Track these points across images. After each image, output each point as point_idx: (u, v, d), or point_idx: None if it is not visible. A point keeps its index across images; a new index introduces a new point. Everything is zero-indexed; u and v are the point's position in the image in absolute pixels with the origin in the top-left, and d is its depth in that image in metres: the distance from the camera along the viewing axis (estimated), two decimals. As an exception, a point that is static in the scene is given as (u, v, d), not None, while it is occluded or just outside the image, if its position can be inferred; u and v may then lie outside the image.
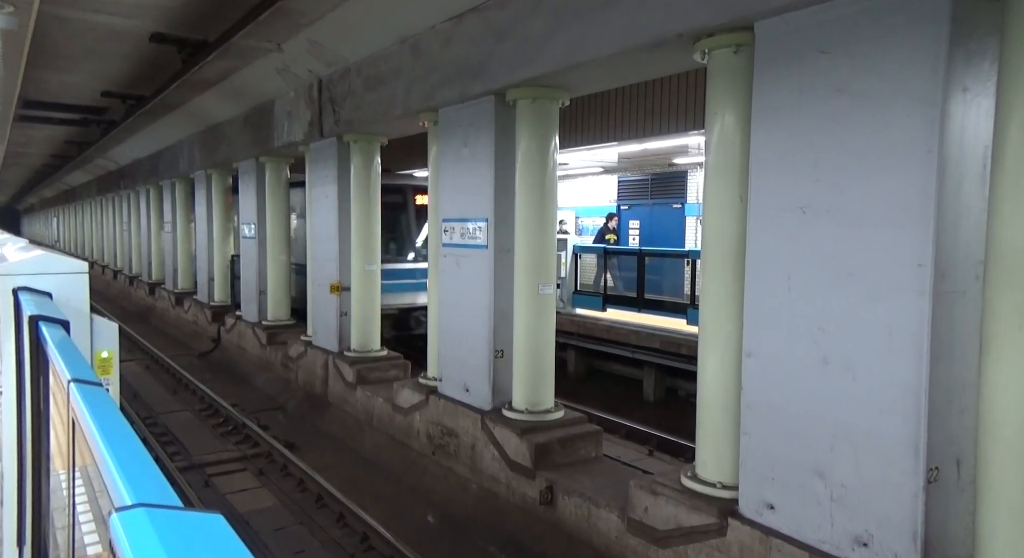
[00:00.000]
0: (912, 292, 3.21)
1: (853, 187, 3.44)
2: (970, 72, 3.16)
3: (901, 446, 3.26)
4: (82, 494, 1.74)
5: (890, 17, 3.26)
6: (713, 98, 4.25)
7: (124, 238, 21.88)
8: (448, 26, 6.07)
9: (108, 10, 7.06)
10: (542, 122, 5.73)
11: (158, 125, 13.47)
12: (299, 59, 8.16)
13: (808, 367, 3.64)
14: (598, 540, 4.88)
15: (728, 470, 4.21)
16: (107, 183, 23.07)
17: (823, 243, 3.57)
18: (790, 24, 3.65)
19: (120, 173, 20.91)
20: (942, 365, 3.22)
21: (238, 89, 10.00)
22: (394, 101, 6.99)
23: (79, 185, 28.62)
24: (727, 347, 4.21)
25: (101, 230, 26.46)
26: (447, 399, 6.55)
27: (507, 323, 6.04)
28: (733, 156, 4.15)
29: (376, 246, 8.68)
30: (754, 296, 3.94)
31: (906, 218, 3.23)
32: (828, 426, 3.56)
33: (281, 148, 10.04)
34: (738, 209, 4.11)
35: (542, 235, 5.83)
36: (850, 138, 3.45)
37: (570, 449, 5.68)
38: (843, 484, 3.50)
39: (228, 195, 13.66)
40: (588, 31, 4.72)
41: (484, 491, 5.99)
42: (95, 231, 27.79)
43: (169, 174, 15.95)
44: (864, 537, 3.41)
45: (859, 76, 3.39)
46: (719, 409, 4.27)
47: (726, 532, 3.99)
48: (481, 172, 6.08)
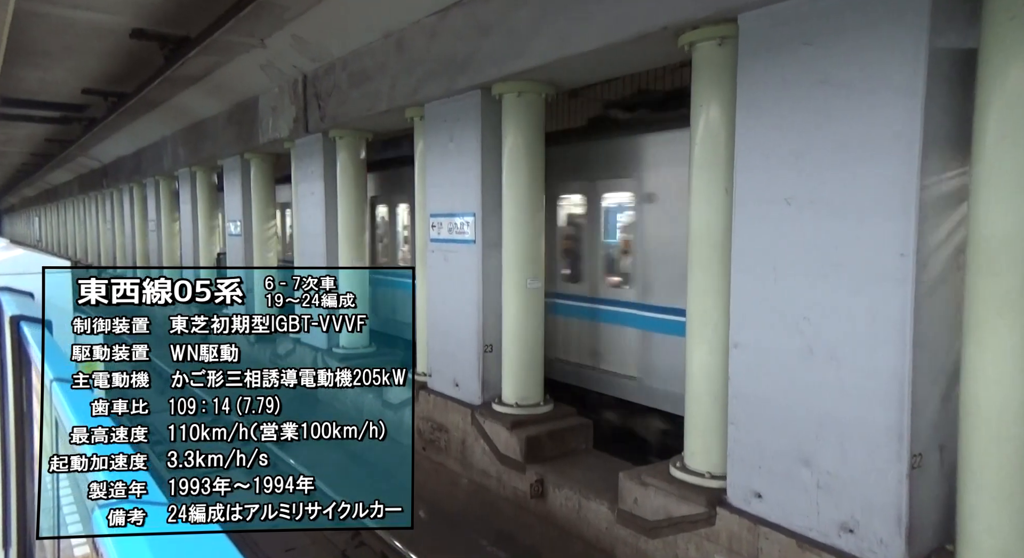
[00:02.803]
0: (895, 281, 3.25)
1: (836, 178, 3.47)
2: (950, 63, 3.19)
3: (885, 433, 3.31)
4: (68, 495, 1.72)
5: (872, 9, 3.29)
6: (698, 91, 4.26)
7: (108, 237, 21.65)
8: (433, 20, 6.04)
9: (87, 6, 6.96)
10: (528, 116, 5.72)
11: (141, 122, 13.31)
12: (283, 55, 8.09)
13: (793, 357, 3.68)
14: (588, 532, 4.91)
15: (716, 460, 4.25)
16: (89, 181, 22.80)
17: (807, 234, 3.60)
18: (774, 16, 3.66)
19: (103, 171, 20.66)
20: (925, 353, 3.27)
21: (221, 85, 9.90)
22: (380, 96, 6.95)
23: (61, 184, 28.25)
24: (714, 338, 4.24)
25: (84, 229, 26.16)
26: (437, 394, 6.55)
27: (496, 318, 6.04)
28: (718, 149, 4.17)
29: (364, 243, 8.65)
30: (740, 287, 3.96)
31: (888, 208, 3.27)
32: (813, 415, 3.60)
33: (266, 144, 9.96)
34: (723, 201, 4.13)
35: (530, 229, 5.83)
36: (833, 130, 3.47)
37: (560, 442, 5.71)
38: (829, 472, 3.54)
39: (213, 192, 13.54)
40: (574, 24, 4.72)
41: (475, 485, 6.01)
42: (78, 230, 27.47)
43: (153, 172, 15.78)
44: (850, 523, 3.45)
45: (842, 67, 3.42)
46: (707, 400, 4.31)
47: (715, 521, 4.03)
48: (468, 167, 6.06)
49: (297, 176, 9.44)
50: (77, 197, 26.22)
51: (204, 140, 12.23)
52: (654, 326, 5.67)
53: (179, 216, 14.99)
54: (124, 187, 19.02)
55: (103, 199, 22.05)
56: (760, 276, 3.83)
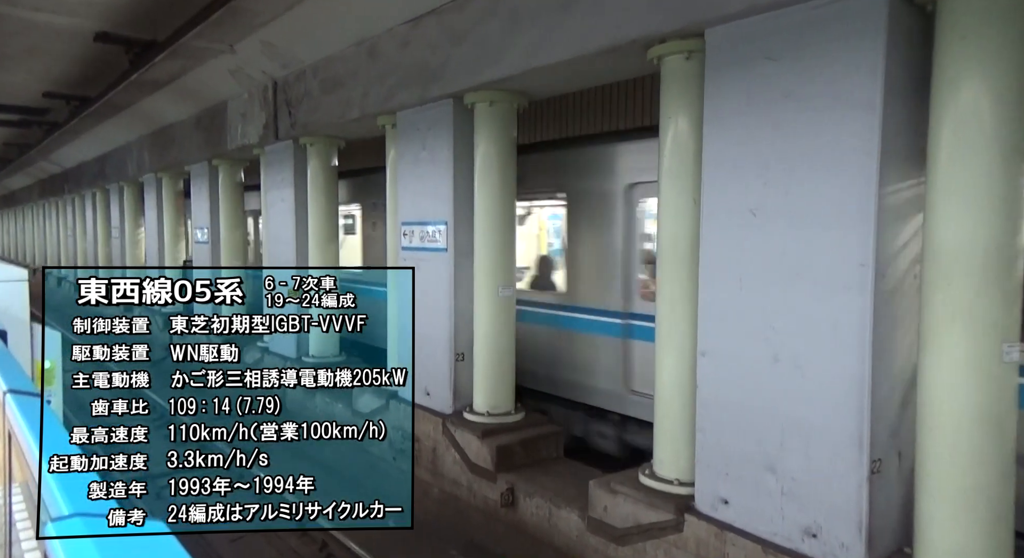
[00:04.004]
0: (855, 290, 3.35)
1: (800, 190, 3.57)
2: (906, 80, 3.31)
3: (846, 439, 3.39)
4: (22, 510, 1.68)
5: (833, 26, 3.40)
6: (666, 103, 4.34)
7: (69, 244, 21.07)
8: (405, 29, 6.05)
9: (50, 8, 6.81)
10: (500, 125, 5.76)
11: (105, 127, 13.02)
12: (253, 60, 8.01)
13: (759, 364, 3.75)
14: (559, 540, 4.91)
15: (685, 467, 4.30)
16: (50, 187, 22.18)
17: (773, 244, 3.69)
18: (739, 32, 3.76)
19: (64, 176, 20.12)
20: (883, 361, 3.36)
21: (189, 90, 9.74)
22: (351, 103, 6.92)
23: (20, 189, 27.43)
24: (683, 346, 4.31)
25: (44, 236, 25.41)
26: (408, 403, 6.50)
27: (468, 326, 6.04)
28: (686, 160, 4.25)
29: (335, 251, 8.57)
30: (708, 296, 4.03)
31: (849, 219, 3.36)
32: (779, 421, 3.67)
33: (235, 151, 9.83)
34: (692, 212, 4.21)
35: (502, 238, 5.85)
36: (796, 142, 3.57)
37: (531, 450, 5.71)
38: (793, 477, 3.61)
39: (180, 199, 13.29)
40: (545, 35, 4.77)
41: (445, 495, 5.98)
42: (37, 237, 26.67)
43: (117, 177, 15.42)
44: (813, 528, 3.52)
45: (804, 82, 3.52)
46: (676, 407, 4.36)
47: (683, 528, 4.07)
48: (440, 175, 6.07)
49: (267, 183, 9.33)
50: (37, 203, 25.48)
51: (171, 146, 12.01)
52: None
53: (144, 223, 14.68)
54: (87, 193, 18.55)
55: (64, 205, 21.46)
56: (727, 285, 3.90)
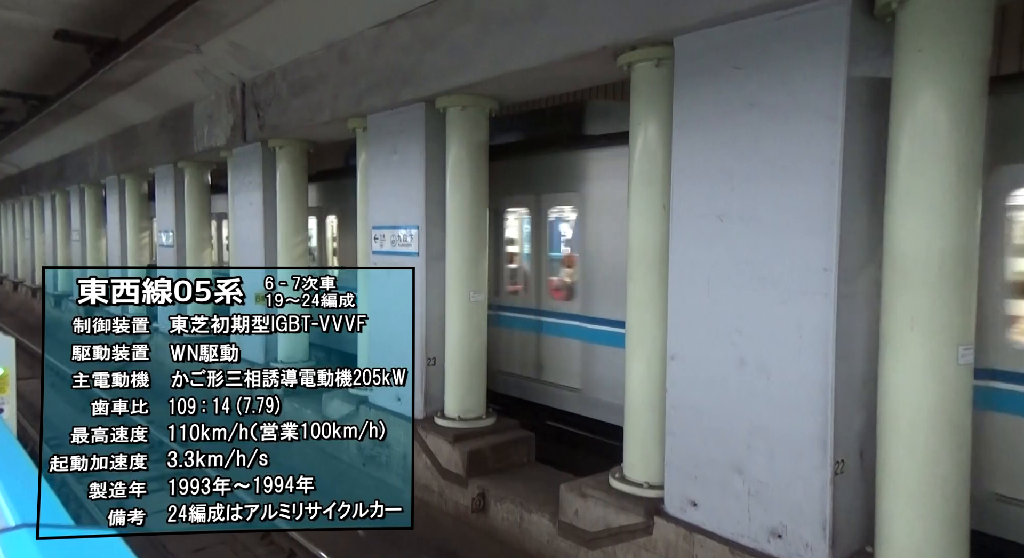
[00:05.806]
0: (818, 295, 3.42)
1: (765, 196, 3.64)
2: (867, 90, 3.41)
3: (810, 441, 3.46)
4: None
5: (796, 38, 3.48)
6: (636, 110, 4.39)
7: (26, 247, 20.40)
8: (377, 32, 6.02)
9: (7, 5, 6.60)
10: (472, 130, 5.75)
11: (65, 127, 12.66)
12: (220, 61, 7.87)
13: (727, 368, 3.80)
14: (530, 545, 4.91)
15: (655, 470, 4.33)
16: (6, 188, 21.47)
17: (739, 249, 3.75)
18: (707, 40, 3.82)
19: (21, 177, 19.50)
20: (846, 364, 3.44)
21: (153, 91, 9.53)
22: (322, 106, 6.85)
23: (-26, 190, 26.48)
24: (652, 350, 4.35)
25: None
26: (378, 409, 6.44)
27: (439, 331, 6.01)
28: (656, 166, 4.30)
29: (305, 255, 8.46)
30: (676, 301, 4.08)
31: (813, 225, 3.44)
32: (745, 424, 3.73)
33: (201, 153, 9.64)
34: (661, 217, 4.26)
35: (473, 242, 5.85)
36: (762, 150, 3.64)
37: (502, 455, 5.70)
38: (759, 480, 3.67)
39: (143, 201, 12.99)
40: (516, 41, 4.79)
41: (416, 500, 5.92)
42: (-7, 239, 25.77)
43: (77, 179, 15.00)
44: (779, 529, 3.58)
45: (769, 91, 3.59)
46: (646, 411, 4.40)
47: (652, 530, 4.10)
48: (411, 179, 6.04)
49: (234, 186, 9.16)
50: (-8, 204, 24.60)
51: (134, 147, 11.73)
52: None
53: (106, 226, 14.30)
54: (45, 195, 18.00)
55: (21, 207, 20.79)
56: (695, 290, 3.96)
